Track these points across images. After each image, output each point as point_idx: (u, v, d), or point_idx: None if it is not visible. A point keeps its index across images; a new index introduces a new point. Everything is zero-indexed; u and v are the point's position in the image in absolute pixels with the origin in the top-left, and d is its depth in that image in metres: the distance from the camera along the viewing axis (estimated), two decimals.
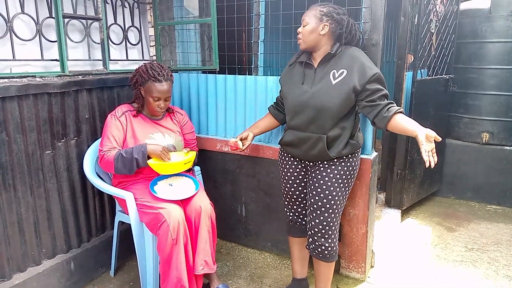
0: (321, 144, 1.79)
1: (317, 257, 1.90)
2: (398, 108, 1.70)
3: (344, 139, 1.80)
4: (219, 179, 2.65)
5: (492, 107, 3.38)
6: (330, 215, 1.83)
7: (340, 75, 1.75)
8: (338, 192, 1.83)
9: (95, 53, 2.37)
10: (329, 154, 1.79)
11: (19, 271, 1.96)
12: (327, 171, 1.84)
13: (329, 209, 1.83)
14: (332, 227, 1.85)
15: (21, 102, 1.86)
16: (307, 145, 1.83)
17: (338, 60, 1.78)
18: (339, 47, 1.78)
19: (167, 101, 2.07)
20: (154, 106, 2.04)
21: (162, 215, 1.86)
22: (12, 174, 1.87)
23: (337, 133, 1.79)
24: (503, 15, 3.20)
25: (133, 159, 1.93)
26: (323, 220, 1.83)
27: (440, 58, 3.18)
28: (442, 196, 3.63)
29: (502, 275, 2.37)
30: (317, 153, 1.81)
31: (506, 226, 3.03)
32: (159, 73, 2.01)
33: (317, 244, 1.87)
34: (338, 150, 1.80)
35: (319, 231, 1.85)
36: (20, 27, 1.96)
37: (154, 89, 2.00)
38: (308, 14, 1.77)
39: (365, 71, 1.71)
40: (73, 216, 2.19)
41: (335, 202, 1.83)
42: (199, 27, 2.86)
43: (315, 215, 1.85)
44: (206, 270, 2.00)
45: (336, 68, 1.77)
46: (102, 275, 2.36)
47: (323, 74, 1.79)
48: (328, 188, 1.82)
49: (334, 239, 1.87)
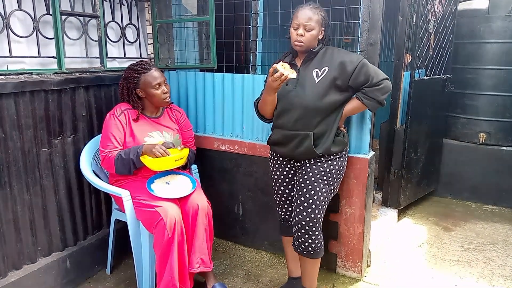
0: (308, 141, 1.81)
1: (301, 254, 1.91)
2: (362, 94, 1.81)
3: (331, 135, 1.84)
4: (216, 178, 2.65)
5: (489, 108, 3.39)
6: (313, 211, 1.84)
7: (323, 73, 1.80)
8: (321, 188, 1.85)
9: (92, 50, 2.36)
10: (316, 151, 1.81)
11: (15, 269, 1.95)
12: (312, 167, 1.86)
13: (312, 205, 1.84)
14: (316, 224, 1.86)
15: (18, 99, 1.85)
16: (294, 142, 1.85)
17: (319, 59, 1.83)
18: (322, 47, 1.85)
19: (166, 84, 2.10)
20: (159, 94, 2.05)
21: (158, 213, 1.85)
22: (8, 172, 1.86)
23: (323, 129, 1.83)
24: (501, 16, 3.21)
25: (130, 160, 1.94)
26: (306, 216, 1.84)
27: (438, 58, 3.18)
28: (439, 196, 3.63)
29: (498, 275, 2.37)
30: (304, 150, 1.83)
31: (502, 226, 3.04)
32: (144, 65, 2.05)
33: (301, 241, 1.88)
34: (325, 147, 1.83)
35: (303, 228, 1.85)
36: (17, 23, 1.95)
37: (151, 78, 2.02)
38: (313, 19, 1.76)
39: (346, 68, 1.77)
40: (69, 214, 2.18)
41: (318, 198, 1.84)
42: (197, 25, 2.85)
43: (299, 210, 1.86)
44: (202, 268, 2.00)
45: (318, 67, 1.82)
46: (98, 273, 2.35)
47: (306, 73, 1.84)
48: (311, 184, 1.84)
49: (318, 236, 1.88)
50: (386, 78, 1.81)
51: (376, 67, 1.84)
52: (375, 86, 1.78)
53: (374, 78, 1.77)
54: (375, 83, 1.78)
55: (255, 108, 2.01)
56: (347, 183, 2.19)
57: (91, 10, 2.28)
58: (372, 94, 1.79)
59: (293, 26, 1.80)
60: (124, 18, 2.55)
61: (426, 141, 3.21)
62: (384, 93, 1.81)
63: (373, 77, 1.77)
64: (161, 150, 1.92)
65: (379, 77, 1.79)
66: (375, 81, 1.78)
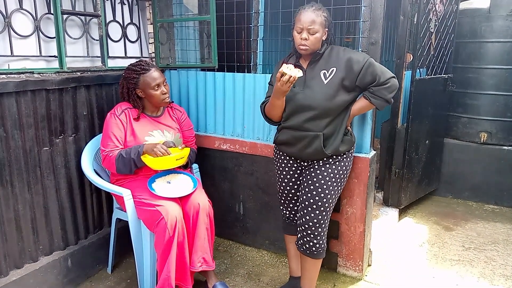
0: (318, 142, 1.80)
1: (304, 253, 1.91)
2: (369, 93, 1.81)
3: (339, 135, 1.84)
4: (217, 177, 2.65)
5: (490, 107, 3.39)
6: (321, 213, 1.84)
7: (331, 74, 1.79)
8: (331, 190, 1.85)
9: (94, 49, 2.36)
10: (325, 152, 1.81)
11: (16, 268, 1.95)
12: (321, 169, 1.86)
13: (320, 207, 1.84)
14: (323, 225, 1.86)
15: (19, 98, 1.85)
16: (303, 143, 1.84)
17: (326, 60, 1.82)
18: (327, 47, 1.83)
19: (166, 84, 2.09)
20: (158, 95, 2.05)
21: (159, 213, 1.86)
22: (9, 171, 1.86)
23: (332, 130, 1.82)
24: (503, 15, 3.20)
25: (131, 160, 1.94)
26: (314, 217, 1.84)
27: (439, 58, 3.18)
28: (440, 196, 3.63)
29: (499, 274, 2.37)
30: (313, 151, 1.83)
31: (503, 226, 3.04)
32: (143, 65, 2.03)
33: (305, 241, 1.88)
34: (334, 147, 1.82)
35: (309, 228, 1.86)
36: (18, 23, 1.95)
37: (150, 78, 2.01)
38: (316, 22, 1.73)
39: (352, 68, 1.77)
40: (70, 212, 2.18)
41: (327, 200, 1.84)
42: (198, 25, 2.85)
43: (307, 211, 1.86)
44: (204, 267, 2.00)
45: (326, 68, 1.81)
46: (99, 272, 2.36)
47: (314, 74, 1.83)
48: (321, 186, 1.84)
49: (323, 237, 1.89)
50: (393, 77, 1.81)
51: (382, 66, 1.83)
52: (382, 85, 1.78)
53: (381, 77, 1.77)
54: (382, 82, 1.77)
55: (262, 112, 1.98)
56: (348, 183, 2.19)
57: (92, 9, 2.28)
58: (380, 93, 1.79)
59: (296, 29, 1.77)
60: (125, 17, 2.54)
61: (427, 141, 3.21)
62: (391, 91, 1.80)
63: (380, 76, 1.77)
64: (162, 150, 1.92)
65: (386, 76, 1.78)
66: (382, 80, 1.77)
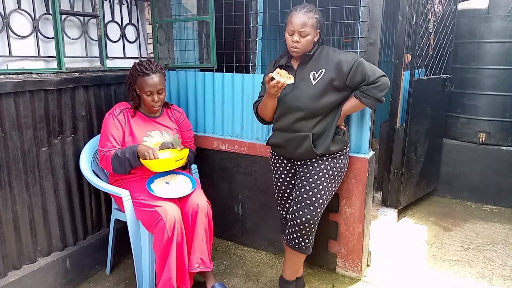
0: (307, 142, 1.81)
1: (293, 248, 1.91)
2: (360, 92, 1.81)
3: (330, 134, 1.84)
4: (216, 178, 2.64)
5: (489, 107, 3.39)
6: (315, 209, 1.83)
7: (320, 75, 1.80)
8: (324, 187, 1.85)
9: (92, 50, 2.36)
10: (316, 151, 1.82)
11: (14, 269, 1.95)
12: (314, 165, 1.87)
13: (314, 203, 1.83)
14: (315, 222, 1.86)
15: (17, 98, 1.85)
16: (294, 144, 1.85)
17: (316, 61, 1.83)
18: (317, 48, 1.84)
19: (160, 94, 2.06)
20: (148, 101, 2.04)
21: (158, 213, 1.85)
22: (8, 171, 1.86)
23: (322, 129, 1.83)
24: (501, 16, 3.21)
25: (125, 159, 1.94)
26: (308, 213, 1.83)
27: (437, 58, 3.18)
28: (438, 196, 3.64)
29: (497, 275, 2.37)
30: (304, 151, 1.84)
31: (502, 226, 3.04)
32: (146, 67, 2.02)
33: (294, 236, 1.88)
34: (325, 147, 1.83)
35: (301, 224, 1.84)
36: (16, 23, 1.95)
37: (144, 83, 2.01)
38: (308, 24, 1.74)
39: (342, 69, 1.77)
40: (69, 213, 2.18)
41: (319, 197, 1.84)
42: (197, 25, 2.85)
43: (299, 207, 1.85)
44: (202, 268, 2.00)
45: (315, 69, 1.82)
46: (98, 273, 2.35)
47: (303, 75, 1.83)
48: (314, 182, 1.84)
49: (313, 233, 1.89)
50: (383, 75, 1.80)
51: (372, 65, 1.83)
52: (372, 84, 1.78)
53: (370, 76, 1.77)
54: (372, 81, 1.77)
55: (255, 112, 2.00)
56: (347, 183, 2.19)
57: (91, 9, 2.27)
58: (370, 92, 1.79)
59: (287, 31, 1.78)
60: (124, 18, 2.54)
61: (426, 141, 3.21)
62: (381, 90, 1.80)
63: (369, 76, 1.77)
64: (151, 156, 1.90)
65: (376, 74, 1.78)
66: (372, 79, 1.77)
